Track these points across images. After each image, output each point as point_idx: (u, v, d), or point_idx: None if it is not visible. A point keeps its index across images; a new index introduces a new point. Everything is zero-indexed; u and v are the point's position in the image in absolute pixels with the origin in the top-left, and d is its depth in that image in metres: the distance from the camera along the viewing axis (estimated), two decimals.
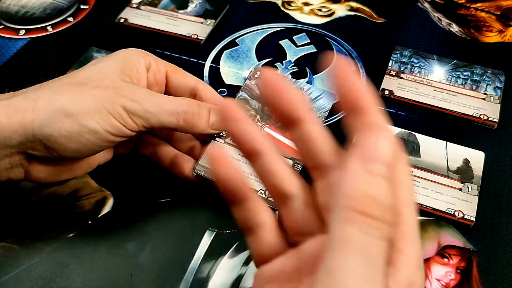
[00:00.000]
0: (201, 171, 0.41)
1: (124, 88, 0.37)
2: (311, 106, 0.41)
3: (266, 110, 0.42)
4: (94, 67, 0.39)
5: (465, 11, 0.64)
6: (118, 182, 0.46)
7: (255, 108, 0.43)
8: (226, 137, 0.42)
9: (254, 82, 0.43)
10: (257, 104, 0.42)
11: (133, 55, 0.41)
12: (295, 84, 0.43)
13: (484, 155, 0.47)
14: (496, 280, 0.40)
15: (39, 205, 0.44)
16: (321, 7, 0.65)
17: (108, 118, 0.36)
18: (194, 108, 0.39)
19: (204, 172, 0.41)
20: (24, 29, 0.61)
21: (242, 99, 0.43)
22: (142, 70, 0.41)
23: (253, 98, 0.43)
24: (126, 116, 0.36)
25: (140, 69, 0.40)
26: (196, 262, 0.41)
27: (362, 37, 0.60)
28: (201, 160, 0.42)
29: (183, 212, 0.44)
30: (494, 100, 0.52)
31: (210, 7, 0.63)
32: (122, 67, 0.39)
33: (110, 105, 0.36)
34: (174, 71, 0.43)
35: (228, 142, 0.41)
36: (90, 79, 0.37)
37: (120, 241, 0.42)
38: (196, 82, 0.43)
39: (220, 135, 0.42)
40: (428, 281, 0.40)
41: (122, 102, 0.36)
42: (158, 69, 0.42)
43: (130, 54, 0.41)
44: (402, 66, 0.55)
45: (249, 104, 0.43)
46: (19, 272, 0.40)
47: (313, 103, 0.42)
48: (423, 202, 0.44)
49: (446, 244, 0.42)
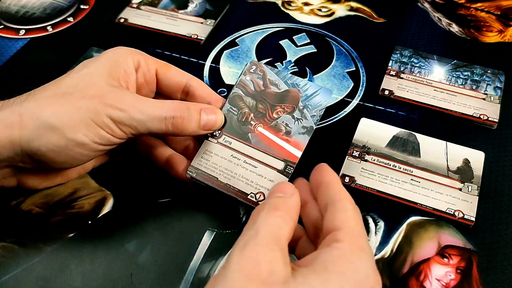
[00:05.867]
0: (193, 173, 0.41)
1: (110, 96, 0.36)
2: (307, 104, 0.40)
3: (260, 108, 0.41)
4: (80, 74, 0.38)
5: (465, 11, 0.64)
6: (118, 182, 0.46)
7: (249, 106, 0.42)
8: (219, 136, 0.41)
9: (250, 78, 0.42)
10: (251, 102, 0.41)
11: (120, 56, 0.39)
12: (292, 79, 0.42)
13: (484, 155, 0.47)
14: (496, 280, 0.40)
15: (39, 205, 0.44)
16: (321, 7, 0.65)
17: (95, 129, 0.35)
18: (183, 111, 0.38)
19: (196, 174, 0.40)
20: (24, 29, 0.61)
21: (236, 96, 0.42)
22: (130, 72, 0.40)
23: (247, 95, 0.42)
24: (113, 125, 0.36)
25: (128, 70, 0.39)
26: (196, 262, 0.41)
27: (362, 37, 0.60)
28: (194, 161, 0.41)
29: (183, 212, 0.44)
30: (494, 100, 0.52)
31: (210, 7, 0.63)
32: (109, 70, 0.38)
33: (96, 116, 0.35)
34: (165, 69, 0.42)
35: (221, 142, 0.41)
36: (76, 88, 0.36)
37: (120, 241, 0.42)
38: (189, 79, 0.42)
39: (213, 135, 0.41)
40: (428, 281, 0.40)
41: (108, 112, 0.35)
42: (147, 69, 0.41)
43: (117, 54, 0.40)
44: (402, 66, 0.55)
45: (243, 102, 0.42)
46: (19, 272, 0.40)
47: (309, 100, 0.41)
48: (423, 202, 0.44)
49: (446, 244, 0.42)
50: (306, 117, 0.40)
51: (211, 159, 0.40)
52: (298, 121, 0.40)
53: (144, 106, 0.37)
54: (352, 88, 0.54)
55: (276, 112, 0.40)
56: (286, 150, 0.39)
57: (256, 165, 0.39)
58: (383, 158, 0.47)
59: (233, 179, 0.39)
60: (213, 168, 0.40)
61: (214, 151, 0.40)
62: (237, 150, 0.40)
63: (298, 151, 0.39)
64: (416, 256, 0.41)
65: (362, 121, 0.50)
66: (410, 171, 0.46)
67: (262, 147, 0.39)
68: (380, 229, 0.43)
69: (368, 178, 0.45)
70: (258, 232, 0.28)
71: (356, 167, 0.46)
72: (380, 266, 0.40)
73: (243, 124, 0.40)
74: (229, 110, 0.41)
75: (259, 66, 0.42)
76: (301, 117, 0.40)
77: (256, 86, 0.42)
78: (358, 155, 0.47)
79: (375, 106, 0.52)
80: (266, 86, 0.41)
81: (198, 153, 0.41)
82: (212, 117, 0.39)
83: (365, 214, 0.44)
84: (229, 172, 0.39)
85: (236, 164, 0.39)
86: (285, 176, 0.38)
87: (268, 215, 0.29)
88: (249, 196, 0.38)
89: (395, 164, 0.46)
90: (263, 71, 0.42)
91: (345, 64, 0.57)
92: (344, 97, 0.53)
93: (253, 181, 0.38)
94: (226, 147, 0.40)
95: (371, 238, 0.42)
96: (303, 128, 0.40)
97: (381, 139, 0.48)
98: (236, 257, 0.27)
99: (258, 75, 0.42)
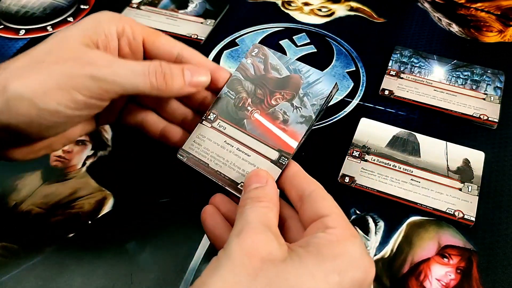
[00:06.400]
0: (184, 157, 0.39)
1: (86, 56, 0.34)
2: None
3: (258, 93, 0.40)
4: (55, 39, 0.35)
5: (465, 11, 0.64)
6: (118, 182, 0.46)
7: (247, 91, 0.40)
8: (213, 121, 0.40)
9: (251, 61, 0.41)
10: (250, 86, 0.40)
11: (102, 20, 0.37)
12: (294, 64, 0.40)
13: (484, 155, 0.47)
14: (496, 280, 0.40)
15: (39, 205, 0.44)
16: (321, 7, 0.65)
17: (70, 94, 0.33)
18: (165, 68, 0.35)
19: (186, 159, 0.39)
20: (24, 29, 0.61)
21: (235, 79, 0.40)
22: (111, 37, 0.37)
23: (247, 79, 0.40)
24: (92, 84, 0.33)
25: (110, 35, 0.37)
26: (196, 262, 0.41)
27: (362, 37, 0.60)
28: (185, 145, 0.39)
29: (183, 212, 0.44)
30: (494, 100, 0.52)
31: (210, 7, 0.63)
32: (86, 33, 0.36)
33: (70, 79, 0.33)
34: (153, 37, 0.38)
35: (215, 127, 0.39)
36: (49, 54, 0.34)
37: (120, 241, 0.42)
38: (181, 48, 0.39)
39: (208, 119, 0.40)
40: (428, 281, 0.40)
41: (85, 71, 0.33)
42: (133, 36, 0.38)
43: (99, 18, 0.37)
44: (402, 66, 0.55)
45: (241, 86, 0.40)
46: (19, 272, 0.40)
47: (310, 88, 0.39)
48: (423, 202, 0.44)
49: (446, 244, 0.42)
50: (306, 106, 0.38)
51: (203, 143, 0.39)
52: (297, 109, 0.39)
53: (125, 62, 0.35)
54: (352, 88, 0.54)
55: (274, 98, 0.39)
56: (281, 139, 0.38)
57: (250, 153, 0.38)
58: (383, 158, 0.47)
59: (224, 167, 0.38)
60: (205, 154, 0.39)
61: (207, 135, 0.39)
62: (231, 136, 0.39)
63: (294, 141, 0.37)
64: (416, 256, 0.41)
65: (362, 121, 0.50)
66: (410, 171, 0.46)
67: (257, 135, 0.38)
68: (380, 229, 0.43)
69: (368, 178, 0.45)
70: (249, 222, 0.30)
71: (356, 167, 0.46)
72: (380, 266, 0.40)
73: (240, 109, 0.39)
74: (227, 94, 0.40)
75: (261, 49, 0.41)
76: (300, 105, 0.39)
77: (256, 70, 0.40)
78: (358, 155, 0.47)
79: (375, 106, 0.52)
80: (267, 71, 0.40)
81: (190, 137, 0.39)
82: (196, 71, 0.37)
83: (365, 214, 0.44)
84: (220, 159, 0.38)
85: (229, 151, 0.38)
86: (279, 167, 0.37)
87: (253, 207, 0.31)
88: (239, 186, 0.37)
89: (395, 164, 0.46)
90: (265, 55, 0.41)
91: (345, 64, 0.57)
92: (344, 97, 0.53)
93: (245, 170, 0.37)
94: (220, 132, 0.39)
95: (371, 238, 0.42)
96: (301, 117, 0.38)
97: (381, 139, 0.48)
98: (235, 242, 0.28)
99: (260, 58, 0.41)
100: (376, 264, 0.41)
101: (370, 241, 0.42)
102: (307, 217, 0.32)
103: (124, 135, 0.50)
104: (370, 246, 0.42)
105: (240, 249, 0.28)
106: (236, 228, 0.30)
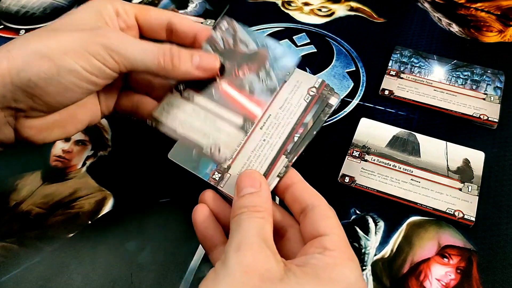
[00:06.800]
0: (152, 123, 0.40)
1: (103, 30, 0.37)
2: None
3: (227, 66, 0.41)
4: (69, 16, 0.38)
5: (465, 11, 0.64)
6: (118, 182, 0.46)
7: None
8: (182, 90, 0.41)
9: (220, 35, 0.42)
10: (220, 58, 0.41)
11: (100, 4, 0.40)
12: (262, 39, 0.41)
13: (484, 155, 0.47)
14: (496, 280, 0.40)
15: (39, 205, 0.44)
16: (321, 7, 0.65)
17: (87, 57, 0.35)
18: (174, 50, 0.38)
19: (155, 124, 0.40)
20: (24, 29, 0.61)
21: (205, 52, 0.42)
22: (113, 17, 0.40)
23: (216, 51, 0.41)
24: (106, 54, 0.35)
25: (111, 16, 0.40)
26: (196, 262, 0.41)
27: (362, 37, 0.60)
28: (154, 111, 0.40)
29: (183, 212, 0.44)
30: (494, 100, 0.52)
31: (210, 7, 0.63)
32: (98, 13, 0.38)
33: (88, 45, 0.35)
34: (144, 12, 0.42)
35: (184, 96, 0.40)
36: (66, 25, 0.37)
37: (120, 241, 0.42)
38: (170, 17, 0.42)
39: (177, 89, 0.41)
40: (428, 281, 0.40)
41: (101, 41, 0.35)
42: (126, 15, 0.41)
43: (97, 3, 0.40)
44: (402, 66, 0.55)
45: None
46: (19, 272, 0.40)
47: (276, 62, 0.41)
48: (423, 202, 0.44)
49: (446, 244, 0.42)
50: (271, 78, 0.40)
51: (171, 111, 0.40)
52: (263, 82, 0.40)
53: (136, 40, 0.37)
54: (352, 88, 0.54)
55: (242, 71, 0.41)
56: (246, 108, 0.39)
57: (216, 120, 0.39)
58: (383, 158, 0.47)
59: (191, 132, 0.39)
60: (172, 120, 0.40)
61: (175, 103, 0.40)
62: (199, 105, 0.40)
63: (259, 109, 0.39)
64: (416, 256, 0.41)
65: (362, 121, 0.50)
66: (410, 171, 0.46)
67: (224, 103, 0.40)
68: (380, 229, 0.43)
69: (368, 178, 0.45)
70: (247, 236, 0.30)
71: (356, 167, 0.46)
72: (380, 266, 0.41)
73: (209, 80, 0.40)
74: None
75: (231, 24, 0.42)
76: (266, 77, 0.40)
77: (225, 43, 0.42)
78: (358, 155, 0.47)
79: (375, 106, 0.52)
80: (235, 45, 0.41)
81: (160, 104, 0.41)
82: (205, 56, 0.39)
83: (365, 214, 0.44)
84: (187, 125, 0.39)
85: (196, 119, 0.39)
86: (244, 133, 0.38)
87: (250, 218, 0.31)
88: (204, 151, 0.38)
89: (395, 164, 0.46)
90: (234, 29, 0.42)
91: (345, 64, 0.57)
92: (344, 97, 0.53)
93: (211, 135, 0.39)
94: (188, 101, 0.40)
95: (371, 238, 0.42)
96: (267, 88, 0.40)
97: (381, 139, 0.48)
98: (234, 257, 0.29)
99: (229, 32, 0.42)
100: (376, 264, 0.41)
101: (370, 241, 0.42)
102: (308, 232, 0.32)
103: (124, 135, 0.50)
104: (370, 246, 0.42)
105: (239, 266, 0.28)
106: (233, 241, 0.30)
